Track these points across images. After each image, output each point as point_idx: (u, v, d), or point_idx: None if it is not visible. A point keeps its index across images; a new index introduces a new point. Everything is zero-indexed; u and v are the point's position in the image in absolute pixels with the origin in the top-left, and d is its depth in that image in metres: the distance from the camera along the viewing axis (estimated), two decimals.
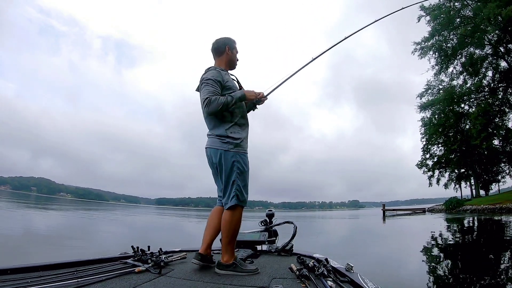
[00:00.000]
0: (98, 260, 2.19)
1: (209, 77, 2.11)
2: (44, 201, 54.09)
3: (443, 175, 38.71)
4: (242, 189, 2.09)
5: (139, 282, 1.70)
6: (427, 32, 31.85)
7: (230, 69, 2.38)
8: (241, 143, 2.14)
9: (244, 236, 3.06)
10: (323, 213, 64.23)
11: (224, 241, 2.08)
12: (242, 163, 2.11)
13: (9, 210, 19.74)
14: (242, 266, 2.05)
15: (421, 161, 38.37)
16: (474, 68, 30.52)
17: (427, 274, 4.96)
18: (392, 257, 6.89)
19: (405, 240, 11.17)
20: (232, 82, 2.25)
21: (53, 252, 6.03)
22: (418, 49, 32.66)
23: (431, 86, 34.64)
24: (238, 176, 2.08)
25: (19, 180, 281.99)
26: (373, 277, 1.89)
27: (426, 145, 37.61)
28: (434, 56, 32.45)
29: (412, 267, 5.65)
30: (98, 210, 34.61)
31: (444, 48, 31.43)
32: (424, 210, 37.02)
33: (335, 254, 6.41)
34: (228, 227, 2.07)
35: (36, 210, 22.91)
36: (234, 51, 2.35)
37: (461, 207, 30.61)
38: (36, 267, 1.84)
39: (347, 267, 1.99)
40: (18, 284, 1.46)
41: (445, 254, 7.09)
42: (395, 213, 35.17)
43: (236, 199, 2.06)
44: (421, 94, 35.15)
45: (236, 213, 2.08)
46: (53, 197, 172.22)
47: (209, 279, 1.87)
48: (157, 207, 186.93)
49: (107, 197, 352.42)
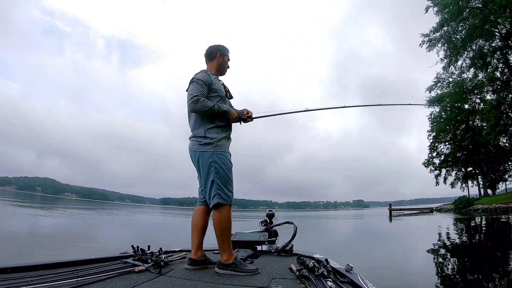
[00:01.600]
0: (98, 259, 2.20)
1: (199, 77, 2.23)
2: (49, 201, 54.51)
3: (450, 174, 37.85)
4: (223, 188, 2.12)
5: (139, 282, 1.70)
6: (435, 24, 30.06)
7: (220, 74, 2.50)
8: (218, 143, 2.19)
9: (244, 236, 3.07)
10: (328, 213, 63.87)
11: (218, 241, 2.11)
12: (220, 163, 2.15)
13: (14, 210, 19.95)
14: (242, 266, 2.06)
15: (427, 160, 37.41)
16: (483, 61, 29.11)
17: (437, 277, 4.74)
18: (400, 259, 6.61)
19: (413, 241, 10.68)
20: (219, 85, 2.34)
21: (58, 251, 6.09)
22: (426, 41, 30.93)
23: (441, 79, 32.95)
24: (216, 175, 2.12)
25: (24, 180, 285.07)
26: (382, 281, 1.86)
27: (433, 142, 36.56)
28: (443, 48, 30.71)
29: (421, 270, 5.38)
30: (103, 210, 34.86)
31: (454, 40, 29.73)
32: (432, 209, 36.33)
33: (340, 255, 6.31)
34: (218, 226, 2.10)
35: (40, 210, 23.13)
36: (225, 58, 2.47)
37: (472, 206, 29.43)
38: (36, 266, 1.85)
39: (347, 268, 1.98)
40: (18, 283, 1.47)
41: (458, 257, 6.65)
42: (402, 212, 34.49)
43: (218, 198, 2.10)
44: (430, 87, 33.31)
45: (223, 211, 2.11)
46: (58, 197, 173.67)
47: (209, 279, 1.87)
48: (162, 206, 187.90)
49: (112, 197, 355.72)
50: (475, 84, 30.84)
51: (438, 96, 32.64)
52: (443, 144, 36.98)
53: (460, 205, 31.25)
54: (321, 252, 2.69)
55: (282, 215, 36.36)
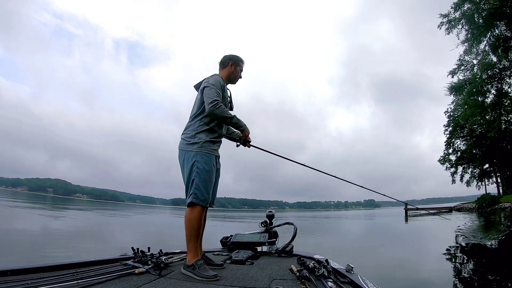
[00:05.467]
0: (98, 261, 2.21)
1: (215, 82, 2.28)
2: (60, 202, 55.49)
3: (466, 171, 36.28)
4: (201, 188, 2.14)
5: (139, 284, 1.70)
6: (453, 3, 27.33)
7: (230, 82, 2.57)
8: (204, 144, 2.22)
9: (244, 237, 3.08)
10: (339, 213, 63.01)
11: (186, 239, 2.13)
12: (203, 163, 2.18)
13: (26, 211, 20.42)
14: (201, 270, 1.98)
15: (443, 156, 35.95)
16: (504, 48, 26.23)
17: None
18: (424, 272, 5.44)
19: (437, 245, 8.47)
20: (226, 93, 2.41)
21: (67, 252, 6.22)
22: (445, 22, 28.24)
23: (464, 61, 29.74)
24: (197, 175, 2.15)
25: (36, 182, 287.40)
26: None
27: (449, 138, 34.78)
28: (464, 28, 27.73)
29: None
30: (114, 211, 35.34)
31: (476, 20, 26.69)
32: (451, 209, 34.78)
33: (355, 261, 5.78)
34: (187, 225, 2.12)
35: (52, 211, 23.64)
36: (237, 68, 2.55)
37: (498, 204, 27.15)
38: (36, 268, 1.87)
39: (347, 268, 1.98)
40: (18, 285, 1.48)
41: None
42: (418, 212, 32.64)
43: (194, 197, 2.12)
44: (453, 71, 30.44)
45: (194, 211, 2.13)
46: (69, 198, 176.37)
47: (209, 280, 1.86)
48: (173, 207, 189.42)
49: (123, 197, 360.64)
50: (503, 67, 27.56)
51: (460, 83, 30.09)
52: (460, 139, 35.32)
53: (484, 204, 28.95)
54: (323, 255, 2.63)
55: (293, 216, 36.21)
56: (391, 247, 8.91)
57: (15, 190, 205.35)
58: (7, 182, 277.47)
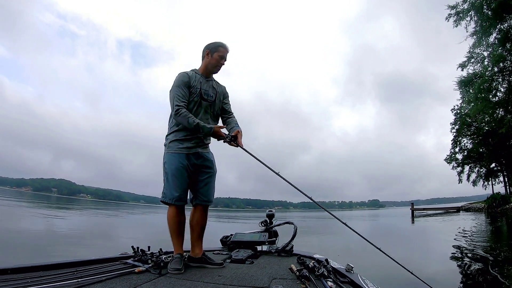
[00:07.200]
0: (98, 260, 2.22)
1: (177, 82, 2.23)
2: (65, 202, 55.92)
3: (473, 170, 35.77)
4: (169, 187, 2.21)
5: (139, 283, 1.71)
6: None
7: (211, 73, 2.38)
8: (170, 144, 2.26)
9: (244, 237, 3.08)
10: (343, 213, 62.47)
11: None
12: (169, 163, 2.23)
13: (31, 211, 20.65)
14: (171, 263, 2.11)
15: (450, 155, 35.51)
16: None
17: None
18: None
19: (443, 246, 8.29)
20: (195, 88, 2.25)
21: (69, 252, 6.27)
22: (453, 14, 26.63)
23: (474, 53, 28.08)
24: (165, 174, 2.24)
25: (40, 182, 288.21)
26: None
27: (456, 136, 34.12)
28: (473, 19, 26.08)
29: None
30: (117, 211, 35.51)
31: (486, 10, 25.14)
32: (458, 208, 34.47)
33: (358, 262, 5.55)
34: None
35: (56, 210, 23.85)
36: (214, 55, 2.30)
37: (508, 204, 26.51)
38: (36, 267, 1.88)
39: (347, 268, 1.97)
40: (18, 284, 1.49)
41: None
42: (425, 212, 32.55)
43: (163, 196, 2.24)
44: (463, 64, 28.77)
45: (168, 210, 2.24)
46: (74, 198, 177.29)
47: (209, 279, 1.86)
48: None
49: (127, 197, 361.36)
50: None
51: (470, 77, 28.60)
52: (466, 138, 34.73)
53: (494, 204, 28.47)
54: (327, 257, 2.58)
55: (298, 216, 36.03)
56: (397, 248, 8.42)
57: (19, 190, 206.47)
58: (11, 182, 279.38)
